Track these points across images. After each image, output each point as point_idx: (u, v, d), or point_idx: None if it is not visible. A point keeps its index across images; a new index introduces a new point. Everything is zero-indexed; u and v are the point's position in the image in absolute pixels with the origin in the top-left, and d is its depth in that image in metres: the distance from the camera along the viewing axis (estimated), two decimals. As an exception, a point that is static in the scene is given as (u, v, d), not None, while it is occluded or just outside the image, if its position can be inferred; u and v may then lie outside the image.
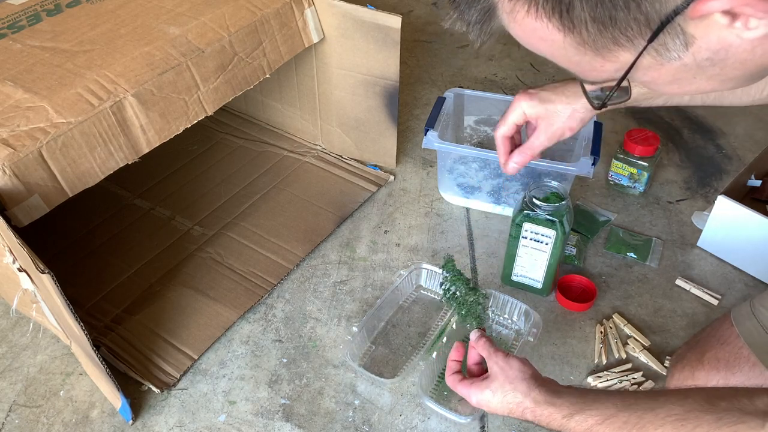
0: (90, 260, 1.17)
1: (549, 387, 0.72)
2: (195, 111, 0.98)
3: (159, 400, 0.96)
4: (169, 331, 1.04)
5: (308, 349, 1.03)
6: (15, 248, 0.77)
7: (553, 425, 0.69)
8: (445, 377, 0.83)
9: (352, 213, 1.25)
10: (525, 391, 0.72)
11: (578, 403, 0.68)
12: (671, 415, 0.59)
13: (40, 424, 0.93)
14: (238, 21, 1.02)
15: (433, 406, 0.90)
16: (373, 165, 1.35)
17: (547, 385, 0.73)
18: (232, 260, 1.15)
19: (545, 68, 1.64)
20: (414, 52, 1.74)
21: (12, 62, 0.93)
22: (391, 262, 1.16)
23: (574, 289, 1.09)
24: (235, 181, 1.32)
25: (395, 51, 1.12)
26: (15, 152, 0.78)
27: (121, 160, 0.90)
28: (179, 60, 0.95)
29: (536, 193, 0.98)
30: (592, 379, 0.97)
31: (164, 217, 1.25)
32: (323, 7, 1.12)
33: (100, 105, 0.86)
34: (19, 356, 1.02)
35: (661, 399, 0.62)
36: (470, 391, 0.78)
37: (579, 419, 0.66)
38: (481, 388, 0.76)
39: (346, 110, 1.28)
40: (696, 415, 0.57)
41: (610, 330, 1.03)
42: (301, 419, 0.93)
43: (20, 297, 0.90)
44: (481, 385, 0.77)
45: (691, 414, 0.57)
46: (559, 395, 0.70)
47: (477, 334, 0.83)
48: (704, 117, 1.49)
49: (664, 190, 1.30)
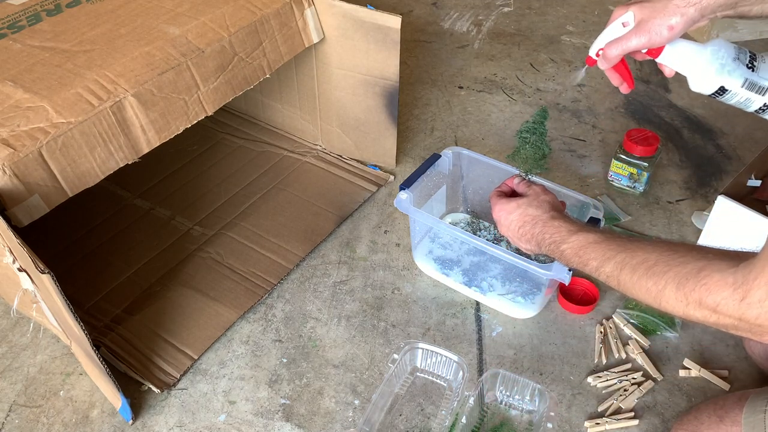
0: (90, 260, 1.17)
1: (568, 217, 0.85)
2: (195, 111, 0.98)
3: (159, 400, 0.96)
4: (169, 331, 1.04)
5: (308, 349, 1.03)
6: (15, 248, 0.77)
7: (555, 237, 0.80)
8: (491, 193, 0.94)
9: (352, 213, 1.25)
10: (547, 209, 0.84)
11: (587, 227, 0.79)
12: (663, 247, 0.67)
13: (40, 424, 0.93)
14: (238, 21, 1.02)
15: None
16: (373, 165, 1.35)
17: (567, 216, 0.85)
18: (232, 260, 1.15)
19: (545, 68, 1.64)
20: (414, 52, 1.74)
21: (12, 62, 0.93)
22: (391, 262, 1.16)
23: (577, 292, 1.09)
24: (235, 181, 1.32)
25: (395, 51, 1.12)
26: (15, 152, 0.78)
27: (121, 160, 0.90)
28: (179, 60, 0.95)
29: None
30: (592, 379, 0.97)
31: (164, 217, 1.25)
32: (323, 7, 1.12)
33: (100, 105, 0.86)
34: (19, 356, 1.02)
35: (658, 241, 0.75)
36: (500, 202, 0.89)
37: (581, 236, 0.77)
38: (509, 200, 0.88)
39: (346, 110, 1.28)
40: (686, 250, 0.65)
41: (610, 330, 1.03)
42: (301, 419, 0.93)
43: (20, 297, 0.90)
44: (511, 199, 0.89)
45: (681, 247, 0.66)
46: (576, 221, 0.82)
47: (518, 179, 0.94)
48: (704, 117, 1.49)
49: (664, 190, 1.30)
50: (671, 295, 0.63)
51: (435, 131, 1.46)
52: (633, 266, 0.68)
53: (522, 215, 0.85)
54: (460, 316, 1.07)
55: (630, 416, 0.92)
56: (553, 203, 0.86)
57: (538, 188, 0.89)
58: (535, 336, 1.04)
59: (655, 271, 0.65)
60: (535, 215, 0.84)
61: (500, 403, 0.95)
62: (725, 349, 1.01)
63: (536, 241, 0.84)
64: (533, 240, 0.84)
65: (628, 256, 0.69)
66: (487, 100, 1.56)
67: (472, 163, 1.15)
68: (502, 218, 0.88)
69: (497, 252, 0.96)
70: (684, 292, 0.62)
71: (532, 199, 0.87)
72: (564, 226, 0.80)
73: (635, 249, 0.69)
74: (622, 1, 1.97)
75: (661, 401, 0.95)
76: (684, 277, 0.62)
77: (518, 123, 1.47)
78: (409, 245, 1.18)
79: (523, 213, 0.85)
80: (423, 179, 1.09)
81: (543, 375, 0.98)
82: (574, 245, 0.77)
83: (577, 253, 0.76)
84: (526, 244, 0.86)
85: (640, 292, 0.67)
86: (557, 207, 0.86)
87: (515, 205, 0.87)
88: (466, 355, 1.01)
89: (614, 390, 0.96)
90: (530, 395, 0.93)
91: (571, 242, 0.77)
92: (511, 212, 0.87)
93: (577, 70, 0.90)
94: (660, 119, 1.49)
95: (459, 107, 1.54)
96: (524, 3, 1.98)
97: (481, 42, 1.79)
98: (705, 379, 0.97)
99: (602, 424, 0.91)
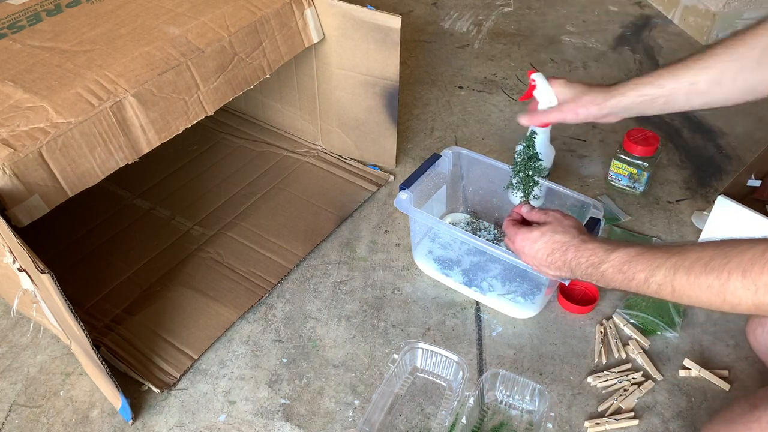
0: (90, 260, 1.17)
1: (598, 237, 0.82)
2: (195, 111, 0.98)
3: (159, 400, 0.96)
4: (169, 331, 1.04)
5: (308, 349, 1.03)
6: (15, 248, 0.77)
7: (593, 260, 0.75)
8: (504, 221, 0.90)
9: (352, 213, 1.25)
10: (575, 234, 0.80)
11: (623, 243, 0.74)
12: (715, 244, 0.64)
13: (40, 424, 0.93)
14: (238, 21, 1.02)
15: None
16: (373, 165, 1.35)
17: (596, 237, 0.82)
18: (232, 260, 1.15)
19: (545, 68, 1.64)
20: (414, 52, 1.74)
21: (12, 62, 0.93)
22: (391, 262, 1.16)
23: (577, 292, 1.09)
24: (235, 181, 1.32)
25: (395, 51, 1.12)
26: (15, 152, 0.78)
27: (121, 160, 0.90)
28: (179, 60, 0.95)
29: None
30: (592, 379, 0.97)
31: (164, 217, 1.25)
32: (323, 7, 1.12)
33: (100, 105, 0.86)
34: (19, 356, 1.02)
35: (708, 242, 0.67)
36: (519, 232, 0.85)
37: (621, 252, 0.72)
38: (531, 229, 0.84)
39: (346, 110, 1.28)
40: (738, 241, 0.62)
41: (610, 330, 1.03)
42: (301, 419, 0.93)
43: (20, 297, 0.90)
44: (531, 227, 0.84)
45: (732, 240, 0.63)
46: (608, 240, 0.78)
47: (527, 207, 0.90)
48: (704, 117, 1.49)
49: (664, 190, 1.30)
50: (737, 284, 0.60)
51: (435, 131, 1.46)
52: (687, 267, 0.65)
53: (549, 242, 0.81)
54: (460, 316, 1.07)
55: (630, 416, 0.92)
56: (578, 226, 0.82)
57: (557, 213, 0.84)
58: (535, 336, 1.04)
59: (713, 266, 0.62)
60: (563, 241, 0.80)
61: (500, 403, 0.95)
62: (725, 349, 1.01)
63: (569, 267, 0.79)
64: (565, 266, 0.80)
65: (679, 259, 0.66)
66: (487, 100, 1.56)
67: (472, 163, 1.15)
68: (526, 248, 0.84)
69: (497, 252, 0.96)
70: (752, 278, 0.59)
71: (556, 225, 0.82)
72: (599, 247, 0.76)
73: (685, 251, 0.66)
74: (621, 1, 1.97)
75: (661, 401, 0.95)
76: (749, 262, 0.59)
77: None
78: (409, 245, 1.18)
79: (550, 240, 0.81)
80: (423, 179, 1.09)
81: (543, 375, 0.98)
82: (615, 262, 0.73)
83: (620, 269, 0.72)
84: (557, 271, 0.82)
85: (701, 292, 0.63)
86: (583, 230, 0.82)
87: (539, 233, 0.82)
88: (466, 355, 1.01)
89: (614, 390, 0.96)
90: (530, 395, 0.93)
91: (611, 260, 0.73)
92: (535, 241, 0.82)
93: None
94: (660, 119, 1.49)
95: (459, 107, 1.54)
96: (524, 3, 1.98)
97: (481, 42, 1.79)
98: (705, 379, 0.97)
99: (602, 424, 0.91)
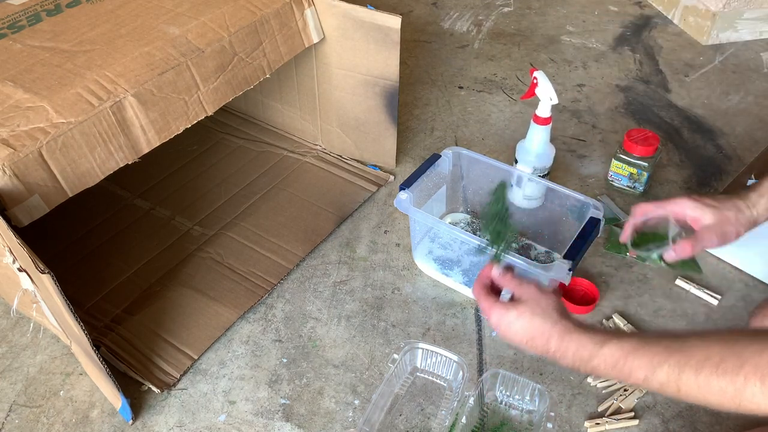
0: (90, 260, 1.17)
1: (578, 321, 0.72)
2: (195, 111, 0.98)
3: (159, 400, 0.96)
4: (169, 331, 1.04)
5: (308, 349, 1.03)
6: (15, 248, 0.77)
7: (581, 354, 0.68)
8: (473, 285, 0.80)
9: (352, 213, 1.25)
10: (556, 319, 0.71)
11: (612, 333, 0.68)
12: (718, 339, 0.60)
13: (40, 424, 0.93)
14: (238, 21, 1.02)
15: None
16: (373, 165, 1.35)
17: (576, 320, 0.72)
18: (232, 260, 1.15)
19: (545, 68, 1.64)
20: (414, 52, 1.74)
21: (12, 62, 0.93)
22: (391, 262, 1.16)
23: (577, 292, 1.09)
24: (235, 181, 1.32)
25: (395, 51, 1.12)
26: (15, 152, 0.78)
27: (121, 160, 0.90)
28: (179, 60, 0.95)
29: None
30: (591, 379, 0.97)
31: (164, 217, 1.25)
32: (323, 7, 1.12)
33: (100, 105, 0.86)
34: (19, 356, 1.02)
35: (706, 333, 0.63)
36: (493, 309, 0.75)
37: (613, 346, 0.65)
38: (507, 308, 0.73)
39: (346, 110, 1.28)
40: (747, 336, 0.59)
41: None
42: (301, 419, 0.93)
43: (20, 297, 0.90)
44: (507, 305, 0.74)
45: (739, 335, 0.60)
46: (591, 327, 0.70)
47: (499, 270, 0.79)
48: (704, 117, 1.49)
49: (664, 190, 1.30)
50: (755, 390, 0.56)
51: (435, 131, 1.46)
52: (694, 367, 0.60)
53: (527, 328, 0.72)
54: (460, 316, 1.07)
55: (630, 416, 0.92)
56: (558, 307, 0.73)
57: (533, 289, 0.74)
58: (535, 336, 1.04)
59: (726, 368, 0.58)
60: (543, 329, 0.71)
61: (500, 403, 0.95)
62: (725, 349, 1.01)
63: (554, 357, 0.72)
64: (549, 354, 0.72)
65: (683, 357, 0.61)
66: (487, 100, 1.56)
67: (472, 164, 1.15)
68: (502, 326, 0.75)
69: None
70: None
71: (534, 306, 0.73)
72: (587, 339, 0.68)
73: (688, 347, 0.61)
74: (621, 1, 1.97)
75: (661, 401, 0.95)
76: (767, 366, 0.56)
77: (518, 123, 1.48)
78: (409, 245, 1.18)
79: (528, 325, 0.72)
80: (423, 179, 1.09)
81: (543, 375, 0.98)
82: (608, 359, 0.66)
83: (614, 366, 0.66)
84: (541, 354, 0.74)
85: (711, 395, 0.59)
86: (563, 311, 0.73)
87: (516, 314, 0.73)
88: (466, 355, 1.01)
89: (614, 390, 0.96)
90: (530, 395, 0.93)
91: (603, 356, 0.66)
92: (512, 323, 0.73)
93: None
94: (660, 119, 1.49)
95: (459, 107, 1.54)
96: (524, 3, 1.98)
97: (481, 42, 1.79)
98: (705, 379, 0.97)
99: (602, 424, 0.91)
